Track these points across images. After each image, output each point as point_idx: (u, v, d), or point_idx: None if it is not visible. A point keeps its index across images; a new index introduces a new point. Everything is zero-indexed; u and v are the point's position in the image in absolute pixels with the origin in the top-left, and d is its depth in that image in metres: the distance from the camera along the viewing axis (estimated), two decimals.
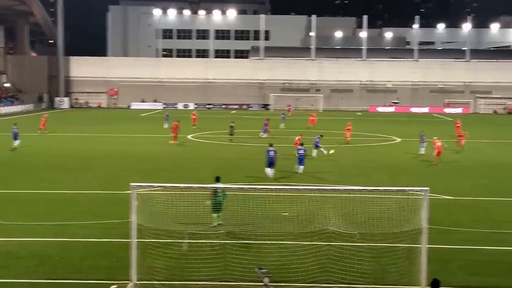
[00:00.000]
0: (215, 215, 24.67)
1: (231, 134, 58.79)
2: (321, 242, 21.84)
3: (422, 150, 49.72)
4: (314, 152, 47.29)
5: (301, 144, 41.54)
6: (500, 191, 35.27)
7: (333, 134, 64.27)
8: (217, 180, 25.40)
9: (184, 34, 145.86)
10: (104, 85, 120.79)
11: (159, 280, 18.46)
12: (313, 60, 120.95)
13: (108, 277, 19.15)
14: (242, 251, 20.48)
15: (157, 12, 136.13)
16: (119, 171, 40.29)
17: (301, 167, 39.37)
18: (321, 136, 49.41)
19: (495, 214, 29.13)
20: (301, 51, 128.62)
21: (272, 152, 37.15)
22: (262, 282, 17.28)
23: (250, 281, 18.49)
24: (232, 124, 59.99)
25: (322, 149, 47.25)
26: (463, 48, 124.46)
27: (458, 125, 63.90)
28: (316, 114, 77.43)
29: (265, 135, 61.25)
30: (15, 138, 52.07)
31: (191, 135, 63.91)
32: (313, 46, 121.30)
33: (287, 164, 40.52)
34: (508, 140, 63.62)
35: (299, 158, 39.58)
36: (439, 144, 45.66)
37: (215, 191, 24.38)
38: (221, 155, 48.72)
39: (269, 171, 37.13)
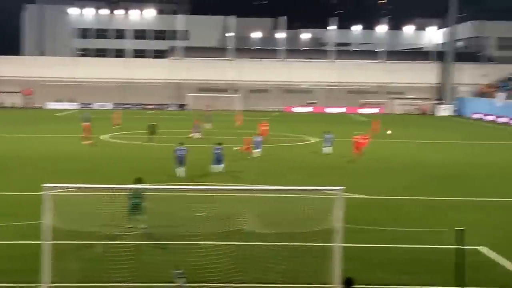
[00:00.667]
0: (139, 217, 24.33)
1: (151, 134, 58.25)
2: (237, 242, 21.84)
3: (326, 150, 50.59)
4: (256, 152, 47.89)
5: (219, 144, 41.41)
6: (416, 190, 36.05)
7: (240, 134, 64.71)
8: (137, 181, 25.10)
9: (102, 33, 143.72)
10: (19, 85, 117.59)
11: (72, 283, 18.05)
12: (231, 60, 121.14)
13: (20, 280, 18.61)
14: (157, 252, 20.27)
15: (74, 11, 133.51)
16: (33, 172, 39.28)
17: (221, 166, 39.71)
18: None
19: (411, 213, 29.80)
20: (219, 51, 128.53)
21: (181, 151, 37.68)
22: (178, 283, 17.13)
23: (166, 282, 18.28)
24: (153, 124, 59.59)
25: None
26: (378, 50, 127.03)
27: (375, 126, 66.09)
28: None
29: (198, 135, 60.84)
30: None
31: (109, 134, 63.00)
32: (231, 47, 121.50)
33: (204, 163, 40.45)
34: (420, 140, 65.28)
35: (217, 157, 39.77)
36: (361, 141, 46.89)
37: (133, 192, 24.08)
38: (139, 155, 48.21)
39: (180, 170, 37.45)
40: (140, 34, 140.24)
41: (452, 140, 66.31)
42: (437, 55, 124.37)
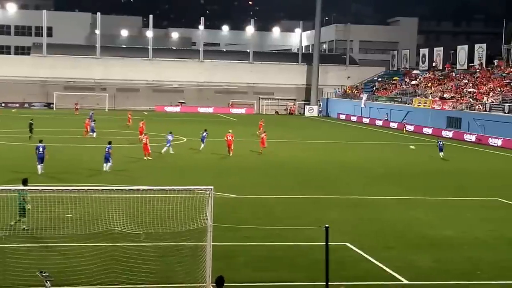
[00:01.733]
0: (23, 218, 23.71)
1: (30, 132, 58.41)
2: (106, 243, 21.51)
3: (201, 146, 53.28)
4: (202, 146, 52.84)
5: (109, 143, 41.77)
6: (280, 189, 36.83)
7: (125, 133, 63.83)
8: (24, 182, 24.49)
9: None
10: None
11: None
12: (98, 58, 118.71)
13: None
14: (23, 255, 19.59)
15: None
16: None
17: (109, 164, 40.40)
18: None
19: (276, 211, 30.38)
20: (85, 49, 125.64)
21: (41, 148, 38.59)
22: (44, 286, 16.65)
23: (31, 286, 17.72)
24: (31, 122, 59.80)
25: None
26: (247, 50, 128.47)
27: (261, 125, 68.37)
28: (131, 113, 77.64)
29: (94, 135, 61.23)
30: None
31: None
32: (98, 44, 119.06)
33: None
34: (288, 140, 66.64)
35: (106, 156, 40.41)
36: (230, 138, 50.67)
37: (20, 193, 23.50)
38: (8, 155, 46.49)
39: (39, 167, 38.39)
40: (1, 29, 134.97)
41: (316, 140, 68.16)
42: (304, 56, 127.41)
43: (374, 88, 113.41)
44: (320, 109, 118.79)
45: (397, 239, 25.70)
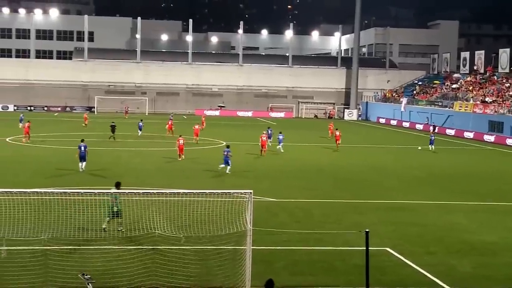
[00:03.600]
0: (119, 219, 24.43)
1: (113, 132, 62.48)
2: (146, 246, 21.68)
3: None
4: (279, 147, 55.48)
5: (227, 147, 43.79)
6: (319, 192, 36.74)
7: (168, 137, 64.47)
8: (117, 185, 25.02)
9: (3, 33, 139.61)
10: None
11: None
12: (138, 62, 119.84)
13: None
14: (64, 257, 19.87)
15: None
16: None
17: (228, 167, 42.33)
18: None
19: (315, 215, 30.29)
20: (126, 53, 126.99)
21: (83, 147, 40.65)
22: None
23: None
24: (113, 124, 63.48)
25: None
26: (286, 54, 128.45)
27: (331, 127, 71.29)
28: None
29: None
30: None
31: (10, 138, 61.34)
32: (138, 49, 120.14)
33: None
34: (327, 144, 66.31)
35: (225, 159, 42.45)
36: (265, 138, 53.52)
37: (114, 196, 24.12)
38: (44, 159, 47.12)
39: (81, 165, 40.75)
40: (43, 34, 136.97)
41: (355, 144, 67.77)
42: (343, 60, 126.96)
43: (414, 91, 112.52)
44: (359, 113, 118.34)
45: (437, 244, 25.43)
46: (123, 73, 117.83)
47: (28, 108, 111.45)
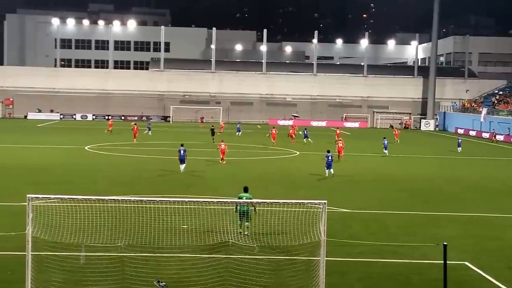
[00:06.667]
0: (246, 223, 24.84)
1: (212, 135, 70.57)
2: (220, 255, 21.70)
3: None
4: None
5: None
6: (394, 204, 36.10)
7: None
8: (245, 190, 25.80)
9: (83, 44, 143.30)
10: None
11: None
12: (213, 72, 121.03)
13: None
14: (140, 264, 20.06)
15: (55, 21, 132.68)
16: (14, 182, 38.91)
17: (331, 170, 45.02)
18: None
19: (390, 227, 29.76)
20: (201, 63, 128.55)
21: (182, 150, 44.55)
22: None
23: None
24: (213, 128, 71.77)
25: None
26: (361, 64, 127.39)
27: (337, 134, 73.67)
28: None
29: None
30: None
31: (88, 146, 62.70)
32: (213, 59, 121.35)
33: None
34: (399, 154, 65.33)
35: (328, 163, 45.15)
36: (341, 145, 55.29)
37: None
38: (121, 167, 47.96)
39: (181, 167, 44.46)
40: (121, 45, 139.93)
41: (431, 155, 66.45)
42: (420, 69, 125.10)
43: (495, 101, 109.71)
44: (436, 123, 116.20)
45: None
46: (198, 83, 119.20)
47: (105, 117, 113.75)
